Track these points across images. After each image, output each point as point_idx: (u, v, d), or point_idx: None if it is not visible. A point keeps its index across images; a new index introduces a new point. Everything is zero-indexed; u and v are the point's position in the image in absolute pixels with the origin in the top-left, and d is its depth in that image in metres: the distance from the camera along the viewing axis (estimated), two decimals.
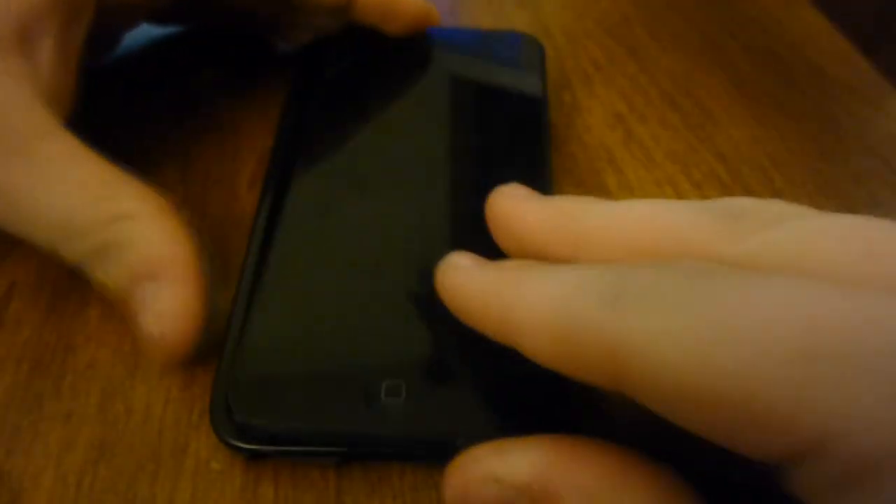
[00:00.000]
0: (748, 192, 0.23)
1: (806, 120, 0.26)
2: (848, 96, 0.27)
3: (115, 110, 0.20)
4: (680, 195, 0.23)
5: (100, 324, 0.19)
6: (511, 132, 0.22)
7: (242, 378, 0.16)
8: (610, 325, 0.11)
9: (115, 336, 0.19)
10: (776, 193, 0.23)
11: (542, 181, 0.20)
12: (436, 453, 0.15)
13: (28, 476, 0.16)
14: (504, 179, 0.17)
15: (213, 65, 0.27)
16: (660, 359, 0.11)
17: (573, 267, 0.14)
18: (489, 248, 0.16)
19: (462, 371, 0.16)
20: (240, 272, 0.18)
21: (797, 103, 0.27)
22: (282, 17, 0.26)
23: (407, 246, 0.19)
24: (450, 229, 0.19)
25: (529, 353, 0.13)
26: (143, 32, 0.27)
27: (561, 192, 0.23)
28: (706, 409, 0.10)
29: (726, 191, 0.23)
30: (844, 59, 0.29)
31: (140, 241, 0.17)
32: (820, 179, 0.24)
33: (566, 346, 0.12)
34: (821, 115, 0.26)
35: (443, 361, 0.16)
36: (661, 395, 0.11)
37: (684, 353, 0.10)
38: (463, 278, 0.15)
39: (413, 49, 0.25)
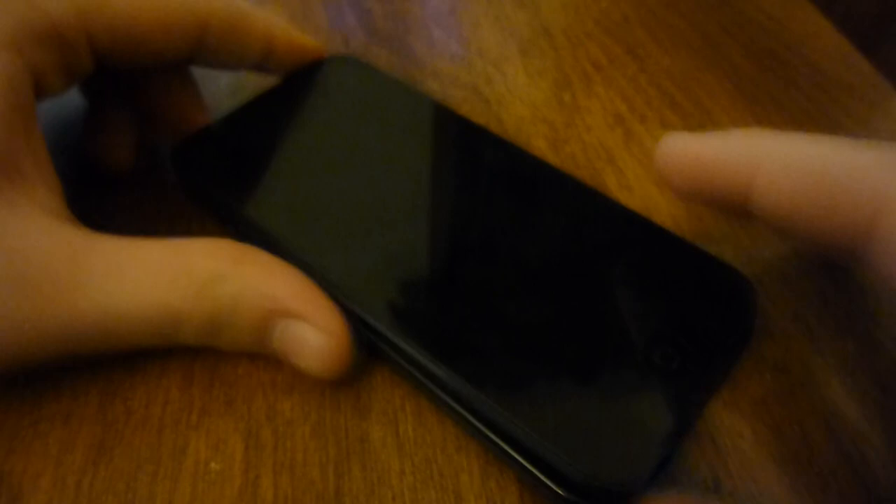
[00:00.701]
0: None
1: (806, 120, 0.26)
2: (848, 96, 0.27)
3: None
4: None
5: None
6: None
7: (572, 447, 0.15)
8: (883, 178, 0.13)
9: None
10: None
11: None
12: None
13: (28, 476, 0.16)
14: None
15: None
16: None
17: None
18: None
19: None
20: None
21: (797, 103, 0.27)
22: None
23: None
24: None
25: (765, 194, 0.15)
26: None
27: None
28: None
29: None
30: (844, 59, 0.29)
31: (243, 296, 0.16)
32: None
33: (814, 192, 0.14)
34: (821, 115, 0.26)
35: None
36: None
37: None
38: (699, 141, 0.17)
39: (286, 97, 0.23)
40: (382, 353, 0.18)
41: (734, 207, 0.16)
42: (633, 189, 0.23)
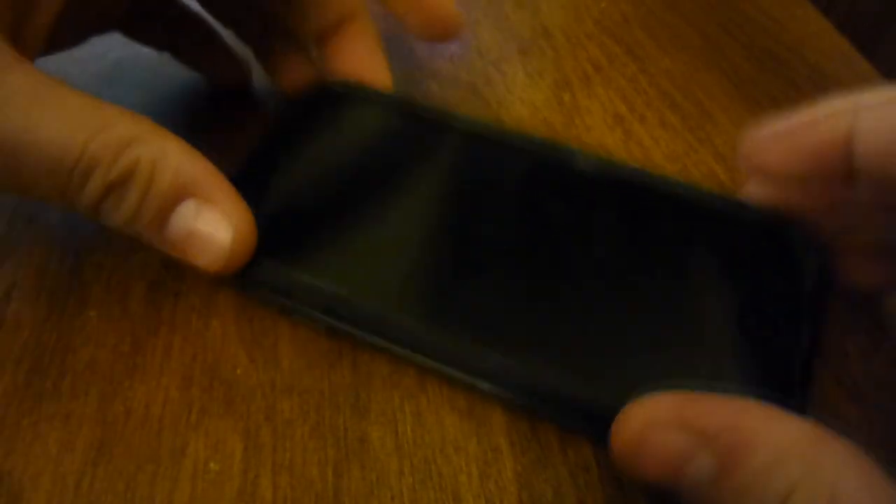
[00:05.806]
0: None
1: None
2: None
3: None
4: None
5: (99, 324, 0.19)
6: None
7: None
8: None
9: (114, 336, 0.19)
10: None
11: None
12: None
13: (27, 476, 0.16)
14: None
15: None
16: None
17: None
18: None
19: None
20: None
21: (797, 104, 0.27)
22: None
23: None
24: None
25: (867, 138, 0.14)
26: None
27: None
28: None
29: (725, 191, 0.23)
30: (844, 59, 0.29)
31: (164, 161, 0.16)
32: None
33: None
34: None
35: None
36: None
37: None
38: (789, 116, 0.16)
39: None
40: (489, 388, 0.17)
41: (837, 171, 0.15)
42: None
